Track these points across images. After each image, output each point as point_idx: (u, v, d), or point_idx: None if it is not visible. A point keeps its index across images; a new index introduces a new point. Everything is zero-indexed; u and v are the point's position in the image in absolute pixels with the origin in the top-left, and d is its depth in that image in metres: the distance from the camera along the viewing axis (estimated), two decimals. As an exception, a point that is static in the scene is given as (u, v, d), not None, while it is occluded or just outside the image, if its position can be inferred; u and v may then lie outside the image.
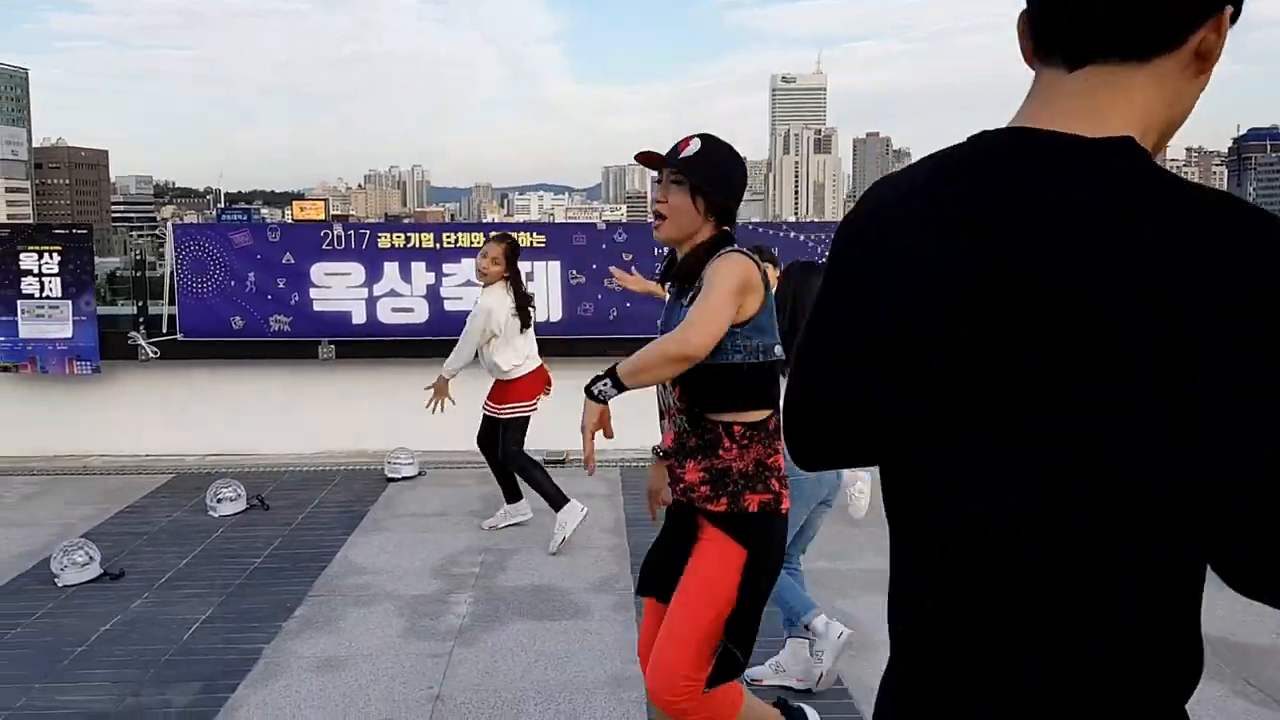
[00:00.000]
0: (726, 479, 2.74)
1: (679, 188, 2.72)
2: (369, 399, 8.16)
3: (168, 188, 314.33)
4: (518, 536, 6.19)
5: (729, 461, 2.74)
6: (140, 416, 8.22)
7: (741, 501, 2.75)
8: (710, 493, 2.76)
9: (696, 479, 2.78)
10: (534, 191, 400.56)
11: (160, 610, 5.08)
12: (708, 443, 2.74)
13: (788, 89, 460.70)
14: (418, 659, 4.49)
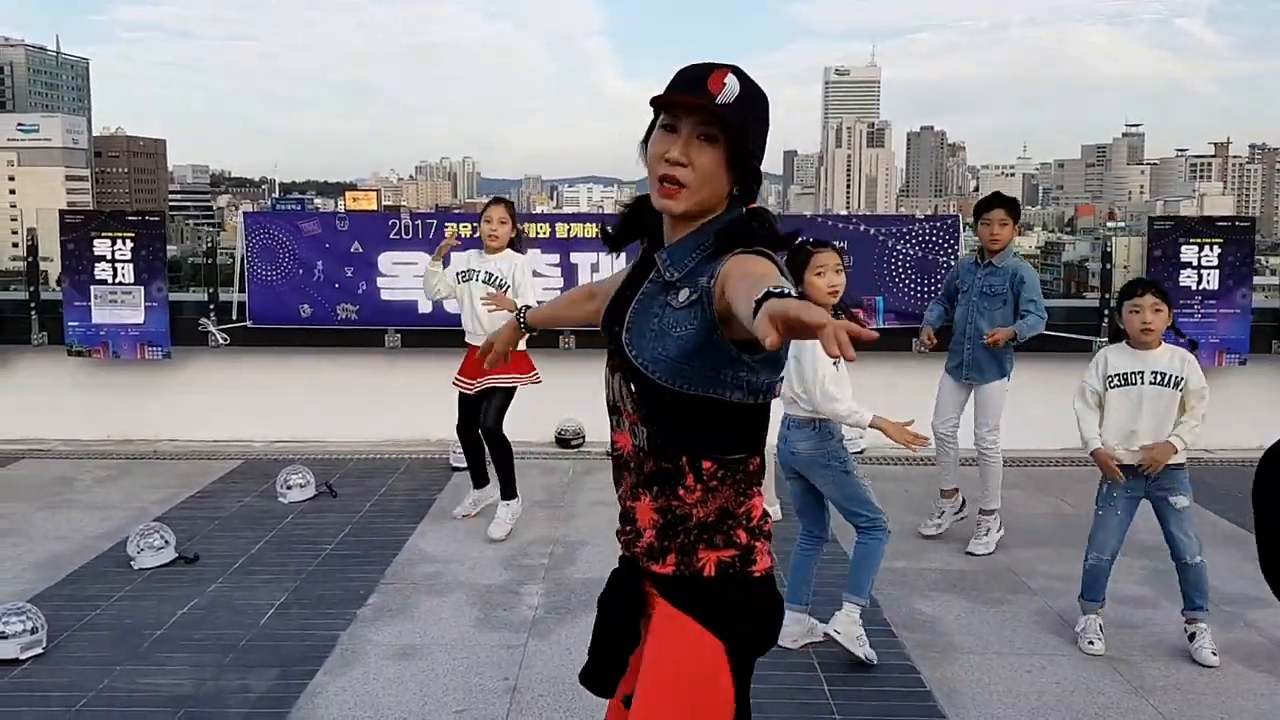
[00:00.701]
0: (678, 528, 2.00)
1: (708, 145, 1.92)
2: (435, 388, 8.10)
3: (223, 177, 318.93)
4: (586, 529, 6.16)
5: (690, 505, 2.00)
6: (210, 402, 8.30)
7: (694, 560, 2.00)
8: (655, 543, 2.02)
9: (648, 521, 2.03)
10: (583, 184, 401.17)
11: (236, 595, 5.12)
12: (665, 473, 2.00)
13: (841, 81, 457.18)
14: (493, 650, 4.48)
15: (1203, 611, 4.42)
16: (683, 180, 1.93)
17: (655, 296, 1.99)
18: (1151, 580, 5.28)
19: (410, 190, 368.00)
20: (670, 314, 1.94)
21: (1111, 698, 4.07)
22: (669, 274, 1.97)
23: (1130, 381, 4.40)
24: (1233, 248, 7.85)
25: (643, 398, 1.99)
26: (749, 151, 1.96)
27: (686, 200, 1.95)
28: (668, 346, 1.93)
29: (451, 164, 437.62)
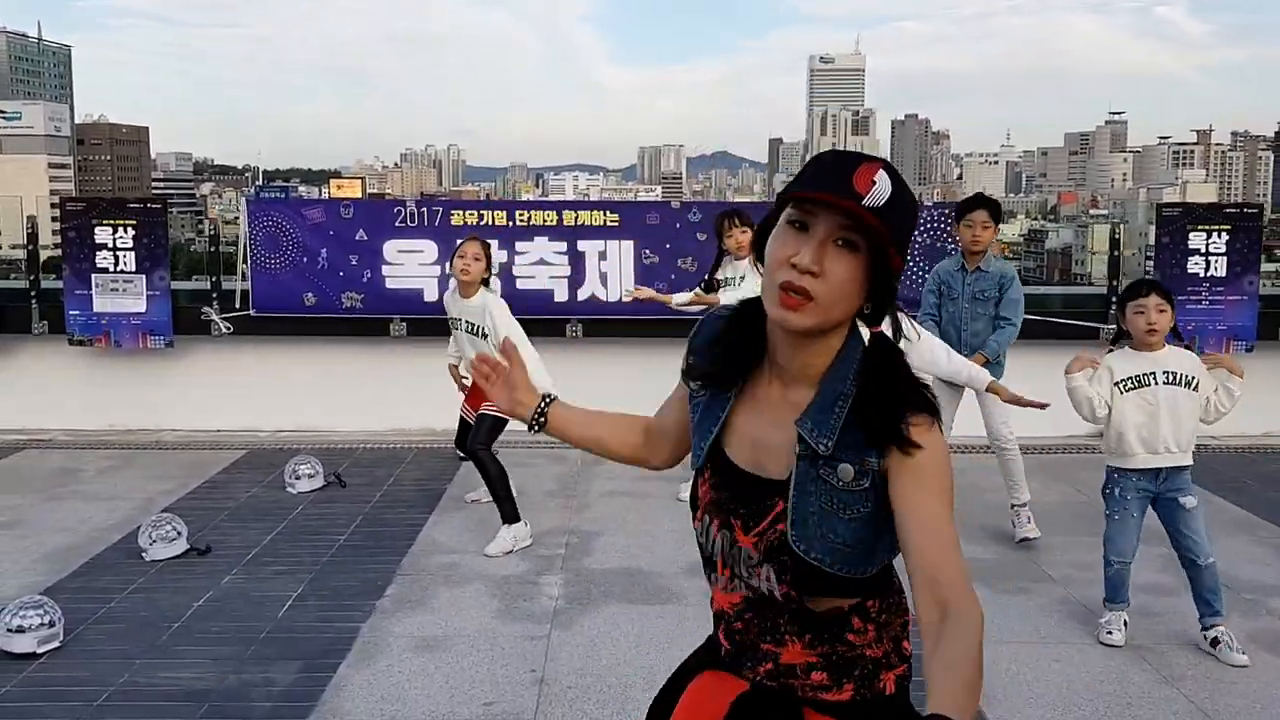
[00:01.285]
0: (856, 665, 1.79)
1: (847, 253, 1.60)
2: (440, 377, 8.04)
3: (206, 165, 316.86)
4: (600, 519, 6.12)
5: (860, 648, 1.78)
6: (213, 392, 8.22)
7: (875, 684, 1.80)
8: (828, 681, 1.80)
9: (801, 662, 1.79)
10: (569, 171, 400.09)
11: (251, 586, 5.06)
12: (824, 619, 1.76)
13: (826, 69, 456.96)
14: (516, 641, 4.44)
15: (1220, 616, 4.33)
16: (812, 293, 1.61)
17: (806, 471, 1.68)
18: (1171, 568, 5.23)
19: (395, 178, 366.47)
20: (832, 494, 1.67)
21: (1142, 687, 4.05)
22: (821, 447, 1.67)
23: (1144, 383, 4.33)
24: (1241, 235, 7.85)
25: (800, 581, 1.72)
26: (894, 266, 1.64)
27: (813, 316, 1.63)
28: (839, 531, 1.67)
29: (437, 152, 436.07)
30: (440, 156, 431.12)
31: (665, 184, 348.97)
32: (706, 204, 8.40)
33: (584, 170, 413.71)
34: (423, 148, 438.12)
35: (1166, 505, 4.37)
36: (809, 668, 1.78)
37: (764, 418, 1.76)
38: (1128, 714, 3.85)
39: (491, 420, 5.67)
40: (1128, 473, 4.38)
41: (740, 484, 1.77)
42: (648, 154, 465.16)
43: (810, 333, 1.66)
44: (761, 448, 1.75)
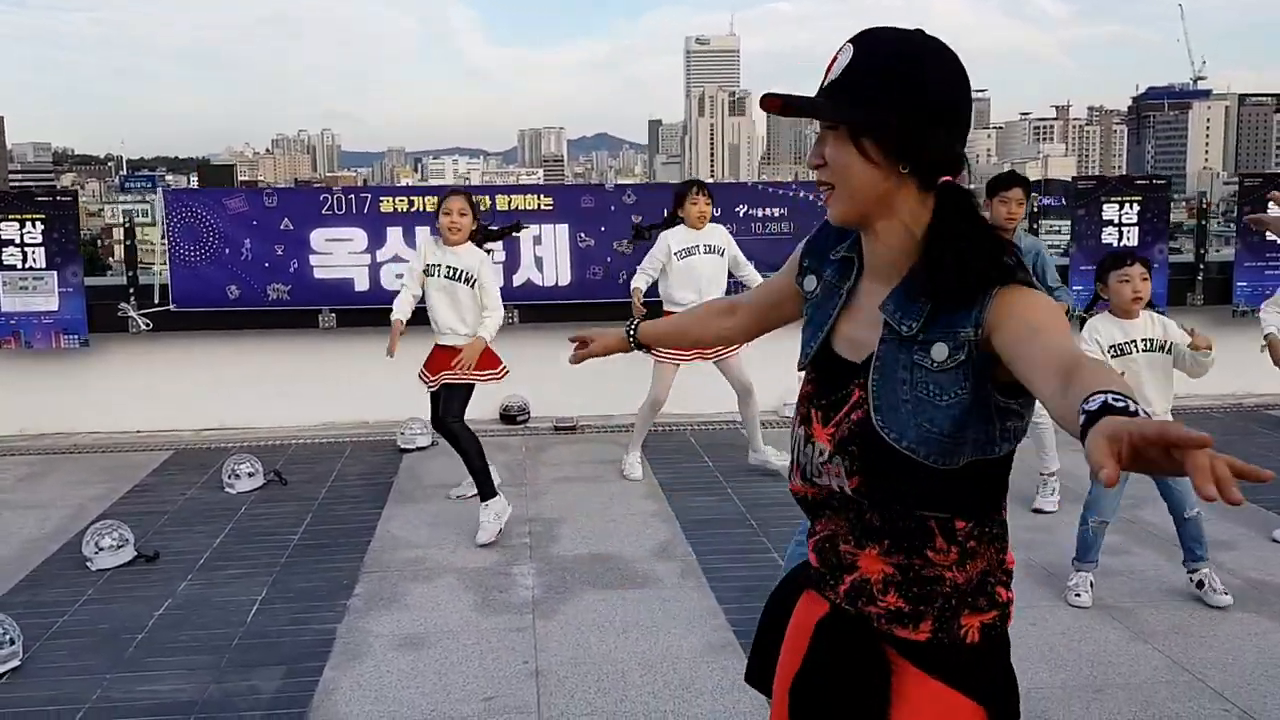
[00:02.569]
0: (932, 590, 1.67)
1: (832, 133, 1.64)
2: (374, 368, 7.85)
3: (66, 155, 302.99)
4: (558, 506, 6.07)
5: (940, 567, 1.67)
6: (133, 392, 7.87)
7: (956, 626, 1.67)
8: (905, 608, 1.68)
9: (878, 575, 1.70)
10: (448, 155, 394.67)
11: (211, 592, 4.88)
12: (904, 531, 1.67)
13: (701, 51, 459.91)
14: (502, 633, 4.37)
15: (1204, 561, 4.61)
16: (826, 180, 1.67)
17: (895, 357, 1.62)
18: (1122, 528, 5.47)
19: (268, 164, 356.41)
20: (926, 377, 1.59)
21: (1118, 644, 4.20)
22: (904, 328, 1.61)
23: (1125, 352, 4.53)
24: (1151, 206, 8.17)
25: (888, 473, 1.64)
26: (880, 121, 1.58)
27: (839, 203, 1.65)
28: (936, 420, 1.58)
29: (310, 137, 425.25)
30: (314, 142, 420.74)
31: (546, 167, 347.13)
32: (641, 186, 8.37)
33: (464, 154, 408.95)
34: (295, 133, 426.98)
35: None
36: (886, 583, 1.69)
37: (861, 313, 1.73)
38: (1111, 672, 3.99)
39: (463, 390, 5.58)
40: None
41: (831, 371, 1.74)
42: (528, 137, 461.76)
43: (856, 221, 1.68)
44: (856, 341, 1.72)
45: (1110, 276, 4.57)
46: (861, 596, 1.72)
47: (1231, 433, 7.56)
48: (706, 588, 4.81)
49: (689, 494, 6.25)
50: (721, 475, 6.64)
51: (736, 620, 4.41)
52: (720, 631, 4.34)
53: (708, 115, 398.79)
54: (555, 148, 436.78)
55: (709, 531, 5.57)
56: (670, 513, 5.92)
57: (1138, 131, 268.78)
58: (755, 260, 7.93)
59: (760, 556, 5.18)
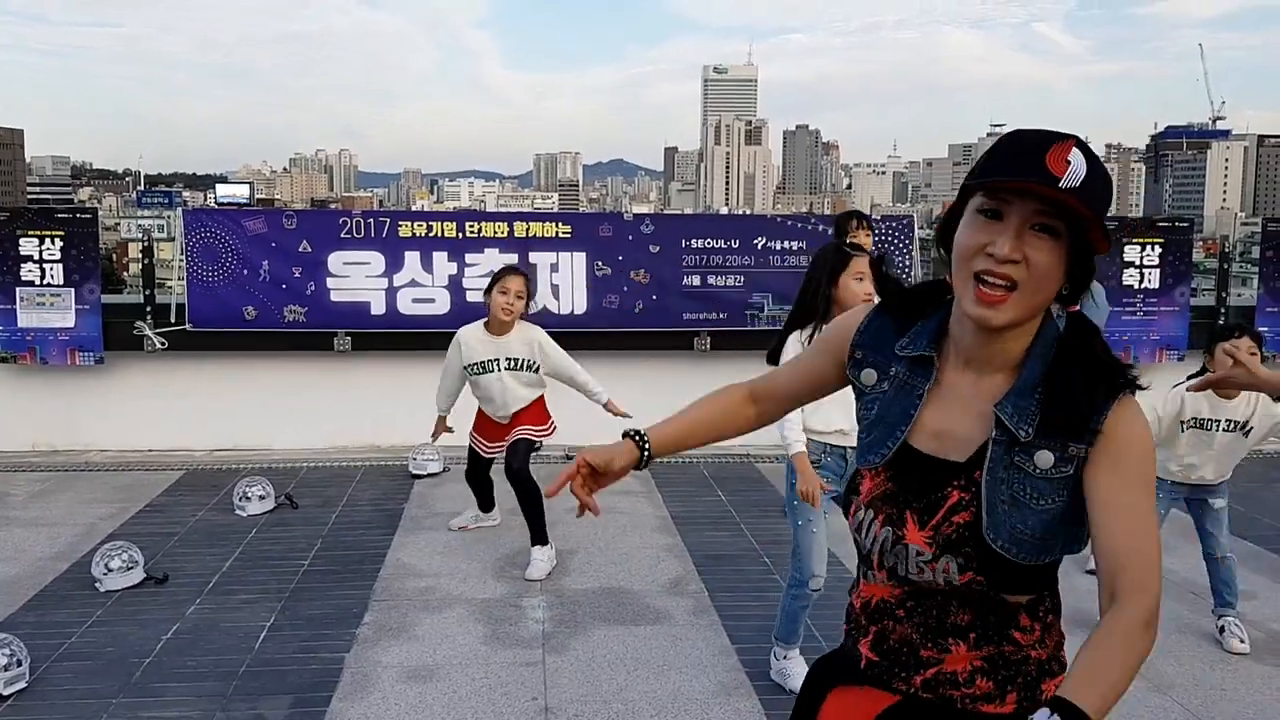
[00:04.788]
0: (1020, 670, 1.72)
1: (1048, 238, 1.55)
2: (387, 393, 7.91)
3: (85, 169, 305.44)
4: (570, 537, 6.01)
5: (1026, 648, 1.72)
6: (146, 410, 7.86)
7: (1038, 694, 1.72)
8: (992, 689, 1.72)
9: (965, 669, 1.72)
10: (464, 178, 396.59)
11: (220, 617, 4.84)
12: (991, 622, 1.71)
13: (719, 80, 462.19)
14: (512, 668, 4.32)
15: (1230, 608, 4.61)
16: (1016, 280, 1.55)
17: (999, 460, 1.63)
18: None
19: (284, 183, 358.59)
20: (1026, 482, 1.61)
21: (1137, 696, 4.12)
22: (1022, 433, 1.61)
23: (1206, 428, 4.51)
24: (1172, 248, 8.13)
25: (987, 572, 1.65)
26: (1098, 247, 1.58)
27: (1015, 309, 1.58)
28: (1029, 522, 1.61)
29: (327, 156, 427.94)
30: (331, 161, 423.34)
31: (562, 191, 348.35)
32: (660, 216, 8.34)
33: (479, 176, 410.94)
34: (313, 152, 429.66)
35: (1196, 504, 4.65)
36: (973, 674, 1.71)
37: (954, 408, 1.69)
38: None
39: (529, 442, 5.61)
40: (1162, 480, 4.56)
41: (919, 471, 1.70)
42: (544, 161, 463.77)
43: (1011, 326, 1.61)
44: (949, 439, 1.68)
45: (1217, 348, 4.34)
46: (943, 685, 1.73)
47: (1253, 480, 7.47)
48: (719, 626, 4.76)
49: (702, 528, 6.20)
50: (735, 510, 6.59)
51: (750, 661, 4.35)
52: (733, 673, 4.29)
53: (724, 143, 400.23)
54: (571, 172, 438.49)
55: (722, 568, 5.51)
56: (683, 547, 5.86)
57: (1156, 170, 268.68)
58: (771, 293, 7.94)
59: (774, 595, 5.10)
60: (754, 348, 8.19)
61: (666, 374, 8.14)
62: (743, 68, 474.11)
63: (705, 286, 7.93)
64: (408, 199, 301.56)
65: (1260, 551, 5.88)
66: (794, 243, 7.98)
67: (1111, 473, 1.58)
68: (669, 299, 7.84)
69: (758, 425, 2.07)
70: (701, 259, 7.93)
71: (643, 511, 6.54)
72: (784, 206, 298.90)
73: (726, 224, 8.46)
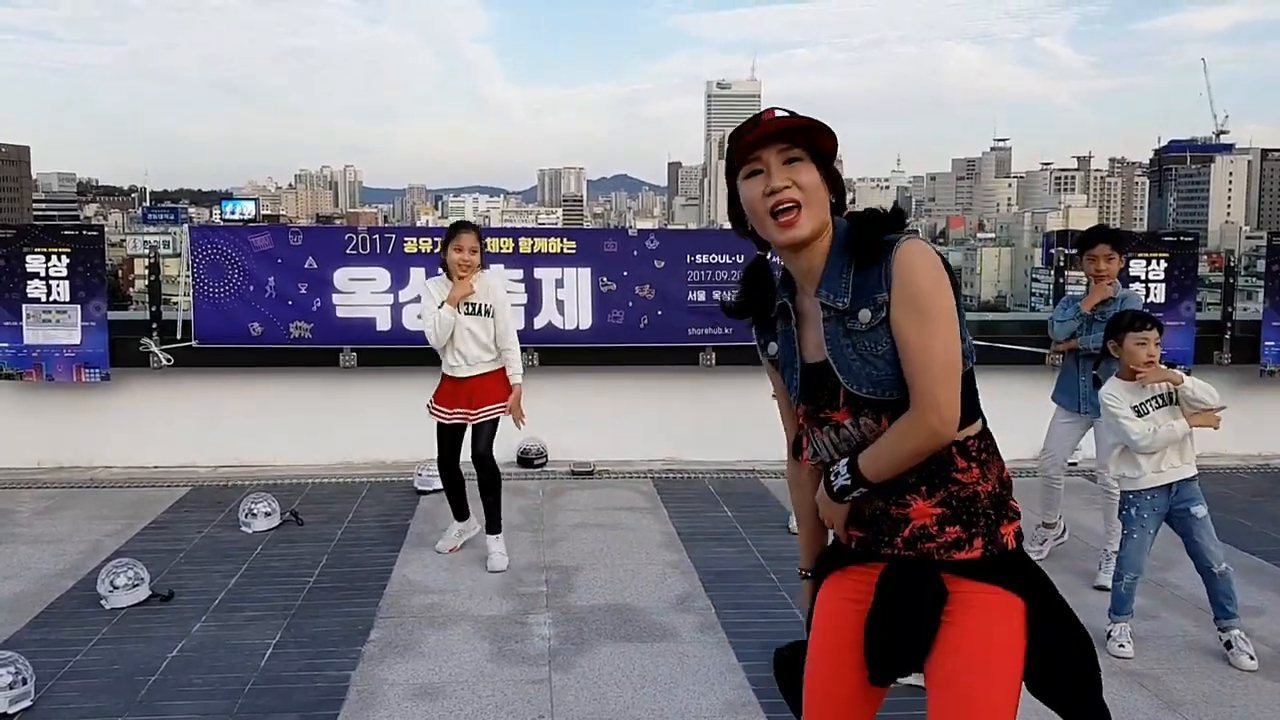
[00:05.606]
0: (974, 509, 2.08)
1: (799, 164, 2.05)
2: (393, 409, 7.88)
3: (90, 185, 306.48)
4: (576, 554, 6.00)
5: (970, 485, 2.08)
6: (151, 427, 7.87)
7: (999, 538, 2.09)
8: (961, 534, 2.08)
9: (932, 518, 2.08)
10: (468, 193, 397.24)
11: (226, 634, 4.83)
12: (933, 470, 2.07)
13: (723, 95, 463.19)
14: (518, 686, 4.30)
15: (1235, 619, 4.57)
16: (796, 199, 2.04)
17: (836, 331, 2.09)
18: (1148, 591, 5.38)
19: (289, 199, 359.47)
20: (861, 339, 2.06)
21: (1147, 712, 4.10)
22: (839, 304, 2.07)
23: (1143, 413, 4.51)
24: (1178, 263, 8.12)
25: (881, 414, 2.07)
26: (829, 153, 2.08)
27: (808, 219, 2.06)
28: (878, 366, 2.05)
29: (332, 172, 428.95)
30: (337, 178, 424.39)
31: (566, 206, 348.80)
32: (664, 231, 8.36)
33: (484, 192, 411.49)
34: (318, 168, 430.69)
35: (1179, 517, 4.59)
36: (940, 522, 2.09)
37: (813, 324, 2.15)
38: (1140, 742, 3.90)
39: (493, 423, 5.71)
40: (1142, 493, 4.57)
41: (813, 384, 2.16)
42: (548, 176, 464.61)
43: (810, 240, 2.07)
44: (817, 345, 2.13)
45: (1127, 338, 4.53)
46: (920, 540, 2.10)
47: (1259, 494, 7.46)
48: (726, 643, 4.74)
49: (708, 544, 6.18)
50: (740, 526, 6.57)
51: (757, 679, 4.33)
52: (740, 690, 4.27)
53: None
54: (575, 188, 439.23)
55: (729, 584, 5.50)
56: (689, 564, 5.85)
57: (1159, 184, 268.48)
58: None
59: (781, 612, 5.11)
60: (759, 363, 8.20)
61: (672, 389, 8.16)
62: (746, 83, 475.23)
63: (710, 301, 7.93)
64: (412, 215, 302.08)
65: (1266, 566, 5.85)
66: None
67: (901, 308, 2.01)
68: (674, 314, 7.84)
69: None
70: (706, 274, 7.93)
71: (649, 528, 6.52)
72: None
73: (731, 239, 8.43)
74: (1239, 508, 6.93)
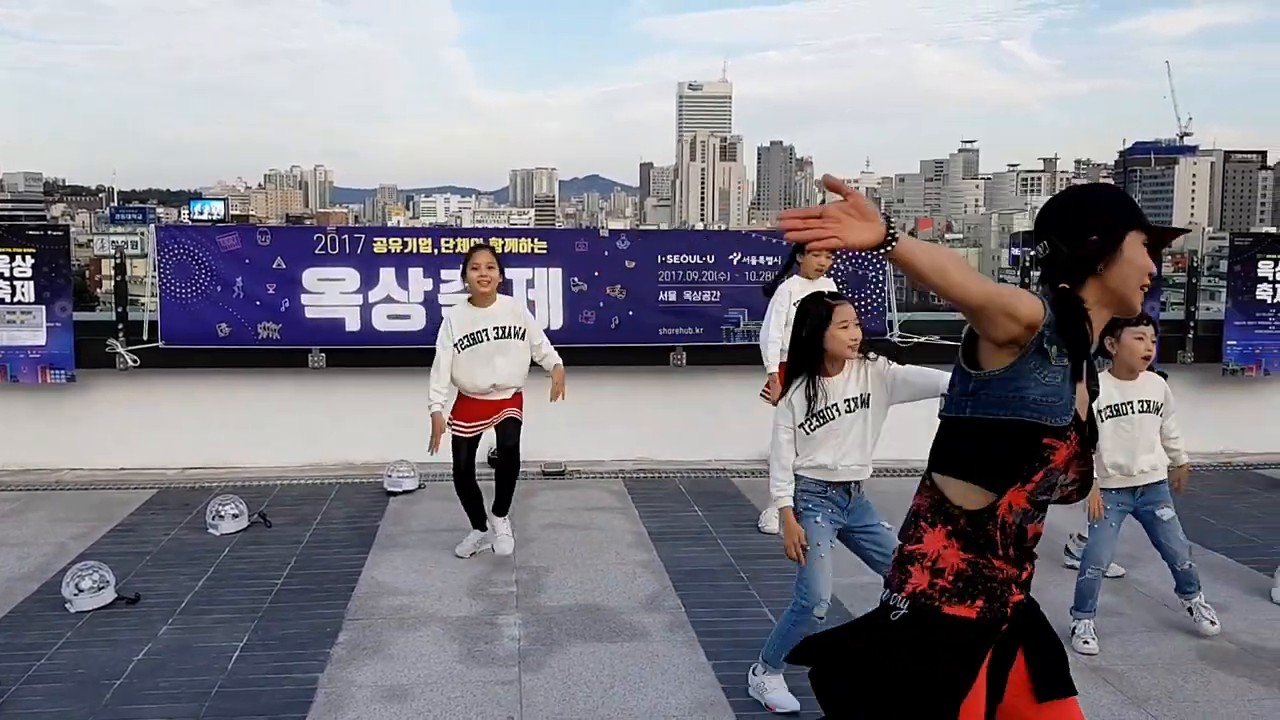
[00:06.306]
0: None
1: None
2: (362, 410, 7.88)
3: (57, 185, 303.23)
4: (545, 554, 6.00)
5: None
6: (118, 428, 7.80)
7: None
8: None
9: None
10: (440, 194, 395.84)
11: (192, 637, 4.79)
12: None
13: (694, 96, 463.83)
14: (487, 686, 4.30)
15: (1197, 591, 4.81)
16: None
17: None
18: (1114, 587, 5.44)
19: (259, 199, 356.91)
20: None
21: (1110, 708, 4.15)
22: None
23: (1122, 412, 4.57)
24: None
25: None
26: None
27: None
28: None
29: (303, 173, 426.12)
30: (306, 177, 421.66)
31: (538, 207, 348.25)
32: (635, 232, 8.38)
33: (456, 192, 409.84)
34: (288, 168, 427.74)
35: (1145, 517, 4.72)
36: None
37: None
38: (1105, 737, 3.94)
39: (518, 421, 5.87)
40: (1108, 492, 4.66)
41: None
42: (520, 177, 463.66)
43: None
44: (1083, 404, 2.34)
45: (1125, 333, 4.54)
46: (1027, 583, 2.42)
47: (1222, 491, 7.55)
48: (696, 642, 4.75)
49: (678, 544, 6.20)
50: (711, 525, 6.59)
51: (726, 677, 4.35)
52: (709, 689, 4.28)
53: (699, 159, 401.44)
54: (547, 188, 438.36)
55: (699, 583, 5.51)
56: (659, 563, 5.86)
57: (1125, 185, 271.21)
58: (747, 308, 7.97)
59: (750, 611, 5.13)
60: (730, 363, 8.26)
61: (643, 389, 8.17)
62: (717, 84, 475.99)
63: (681, 302, 7.96)
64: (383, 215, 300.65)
65: (1229, 563, 5.93)
66: (769, 258, 8.00)
67: None
68: (645, 314, 7.86)
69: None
70: (677, 274, 7.95)
71: (619, 528, 6.53)
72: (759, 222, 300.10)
73: (702, 240, 8.49)
74: (1203, 505, 7.01)
